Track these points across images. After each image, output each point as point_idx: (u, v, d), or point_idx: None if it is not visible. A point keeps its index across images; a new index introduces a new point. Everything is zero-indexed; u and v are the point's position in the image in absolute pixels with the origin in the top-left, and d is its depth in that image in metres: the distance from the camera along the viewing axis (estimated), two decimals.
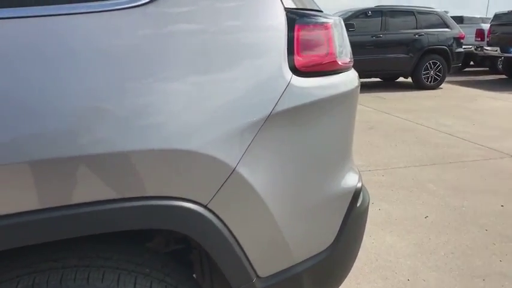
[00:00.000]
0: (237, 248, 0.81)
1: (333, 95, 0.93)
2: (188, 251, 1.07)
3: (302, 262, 0.92)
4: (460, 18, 11.53)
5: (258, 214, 0.82)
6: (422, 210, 2.55)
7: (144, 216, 0.72)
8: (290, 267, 0.90)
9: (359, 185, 1.04)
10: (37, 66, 0.66)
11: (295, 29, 0.87)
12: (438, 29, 7.87)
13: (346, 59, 1.01)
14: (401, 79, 9.04)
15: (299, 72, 0.87)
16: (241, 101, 0.78)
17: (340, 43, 0.98)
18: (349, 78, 1.02)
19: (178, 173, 0.72)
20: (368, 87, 8.26)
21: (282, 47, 0.84)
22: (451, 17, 8.91)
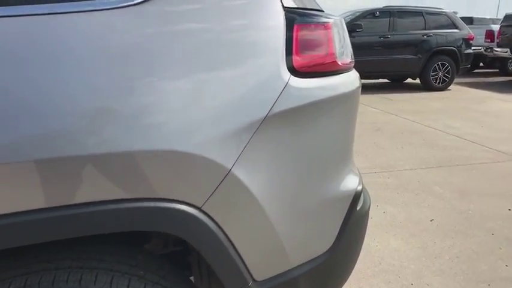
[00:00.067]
0: (232, 251, 0.79)
1: (333, 96, 0.91)
2: (186, 253, 1.07)
3: (299, 266, 0.91)
4: (470, 19, 11.40)
5: (254, 217, 0.81)
6: (428, 214, 2.51)
7: (137, 218, 0.71)
8: (287, 271, 0.89)
9: (359, 188, 1.02)
10: (35, 65, 0.65)
11: (294, 28, 0.86)
12: (447, 29, 7.78)
13: (346, 59, 0.99)
14: (409, 80, 8.95)
15: (298, 72, 0.85)
16: (237, 102, 0.76)
17: (340, 43, 0.96)
18: (350, 79, 1.00)
19: (171, 174, 0.71)
20: (375, 89, 8.19)
21: (280, 47, 0.83)
22: (461, 17, 8.81)
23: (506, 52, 8.93)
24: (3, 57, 0.65)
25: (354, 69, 1.08)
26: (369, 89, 8.16)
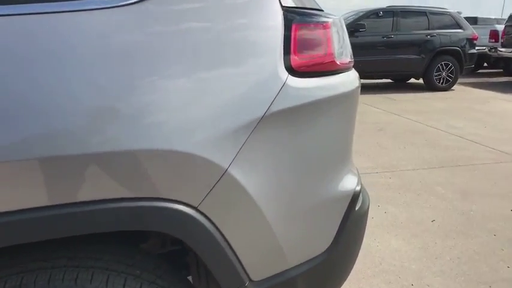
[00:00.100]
0: (228, 251, 0.79)
1: (332, 95, 0.91)
2: (184, 252, 1.06)
3: (297, 266, 0.90)
4: (474, 19, 11.33)
5: (250, 217, 0.81)
6: (430, 214, 2.50)
7: (132, 217, 0.71)
8: (284, 271, 0.88)
9: (358, 188, 1.01)
10: (35, 64, 0.66)
11: (293, 28, 0.85)
12: (451, 29, 7.74)
13: (346, 59, 0.98)
14: (412, 80, 8.92)
15: (296, 72, 0.85)
16: (234, 102, 0.76)
17: (340, 43, 0.96)
18: (349, 79, 1.00)
19: (166, 173, 0.71)
20: (378, 89, 8.17)
21: (277, 47, 0.82)
22: (465, 17, 8.75)
23: (510, 52, 8.87)
24: (5, 56, 0.65)
25: (354, 69, 1.08)
26: (372, 89, 8.14)
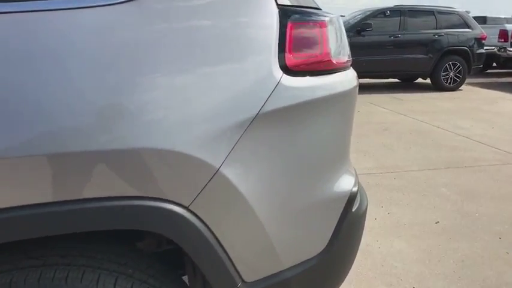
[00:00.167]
0: (220, 251, 0.78)
1: (328, 95, 0.89)
2: (180, 251, 1.06)
3: (291, 268, 0.89)
4: (483, 19, 11.19)
5: (243, 217, 0.80)
6: (434, 216, 2.47)
7: (121, 216, 0.70)
8: (278, 273, 0.87)
9: (355, 189, 1.00)
10: (31, 62, 0.66)
11: (288, 26, 0.84)
12: (459, 29, 7.65)
13: (343, 58, 0.97)
14: (419, 80, 8.84)
15: (291, 71, 0.84)
16: (226, 101, 0.75)
17: (337, 42, 0.95)
18: (347, 78, 0.98)
19: (156, 173, 0.70)
20: (385, 88, 8.10)
21: (272, 45, 0.81)
22: (474, 17, 8.65)
23: None
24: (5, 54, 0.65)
25: (352, 68, 1.06)
26: (378, 88, 8.08)
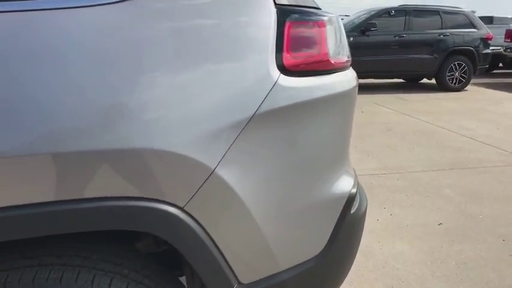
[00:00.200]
0: (216, 252, 0.78)
1: (326, 95, 0.89)
2: (178, 252, 1.05)
3: (288, 269, 0.88)
4: (490, 19, 11.11)
5: (239, 218, 0.79)
6: (437, 217, 2.45)
7: (116, 217, 0.70)
8: (275, 274, 0.87)
9: (353, 190, 0.99)
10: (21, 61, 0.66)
11: (286, 26, 0.83)
12: (464, 29, 7.60)
13: (342, 58, 0.96)
14: (424, 80, 8.78)
15: (288, 71, 0.83)
16: (222, 101, 0.74)
17: (336, 42, 0.94)
18: (346, 78, 0.97)
19: (152, 173, 0.70)
20: (390, 88, 8.06)
21: (269, 45, 0.80)
22: (480, 17, 8.58)
23: None
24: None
25: (351, 68, 1.05)
26: (383, 88, 8.04)
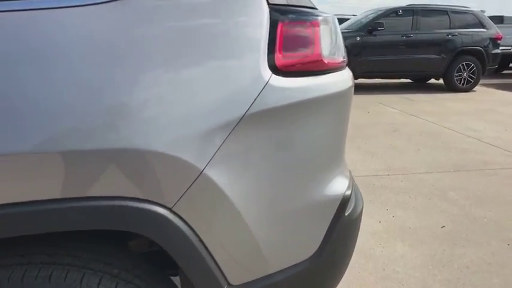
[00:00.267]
0: (205, 254, 0.77)
1: (320, 96, 0.88)
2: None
3: (279, 271, 0.87)
4: (500, 18, 10.97)
5: (228, 219, 0.78)
6: (440, 220, 2.42)
7: (104, 217, 0.70)
8: (265, 276, 0.86)
9: (348, 192, 0.98)
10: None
11: (279, 26, 0.83)
12: (473, 29, 7.51)
13: (338, 58, 0.95)
14: (432, 81, 8.69)
15: (280, 71, 0.82)
16: (212, 101, 0.74)
17: (332, 42, 0.93)
18: (342, 79, 0.96)
19: (140, 173, 0.70)
20: (397, 89, 8.00)
21: (261, 45, 0.80)
22: (490, 16, 8.48)
23: None
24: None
25: (347, 68, 1.04)
26: (389, 89, 7.98)
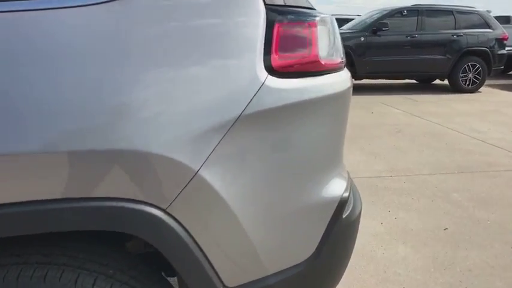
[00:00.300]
0: (200, 255, 0.77)
1: (316, 97, 0.87)
2: None
3: (276, 273, 0.87)
4: (507, 18, 10.89)
5: (224, 221, 0.78)
6: (443, 222, 2.40)
7: (98, 217, 0.70)
8: (261, 279, 0.85)
9: (346, 194, 0.97)
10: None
11: (275, 26, 0.82)
12: (479, 29, 7.45)
13: (336, 59, 0.94)
14: (437, 81, 8.64)
15: (277, 72, 0.81)
16: (207, 101, 0.74)
17: (330, 43, 0.92)
18: (340, 79, 0.96)
19: (134, 174, 0.70)
20: (401, 89, 7.96)
21: (257, 45, 0.79)
22: (496, 16, 8.41)
23: None
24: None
25: (346, 69, 1.03)
26: (394, 89, 7.94)
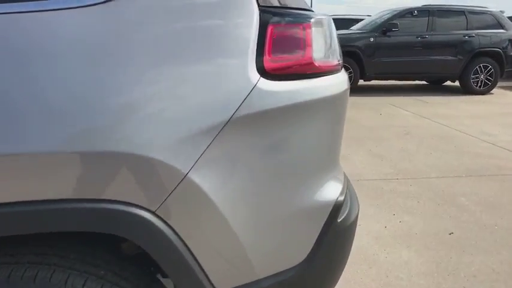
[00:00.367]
0: (189, 258, 0.77)
1: (311, 100, 0.86)
2: None
3: (267, 277, 0.86)
4: None
5: (214, 224, 0.78)
6: (448, 226, 2.36)
7: (86, 219, 0.70)
8: (253, 282, 0.85)
9: (341, 198, 0.95)
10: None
11: (269, 27, 0.81)
12: (491, 30, 7.32)
13: (332, 61, 0.93)
14: (448, 83, 8.52)
15: (269, 74, 0.81)
16: (197, 104, 0.73)
17: (326, 45, 0.91)
18: (336, 82, 0.94)
19: (123, 176, 0.69)
20: (411, 90, 7.87)
21: (249, 47, 0.79)
22: (509, 17, 8.25)
23: None
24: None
25: (343, 71, 1.02)
26: (404, 90, 7.85)
